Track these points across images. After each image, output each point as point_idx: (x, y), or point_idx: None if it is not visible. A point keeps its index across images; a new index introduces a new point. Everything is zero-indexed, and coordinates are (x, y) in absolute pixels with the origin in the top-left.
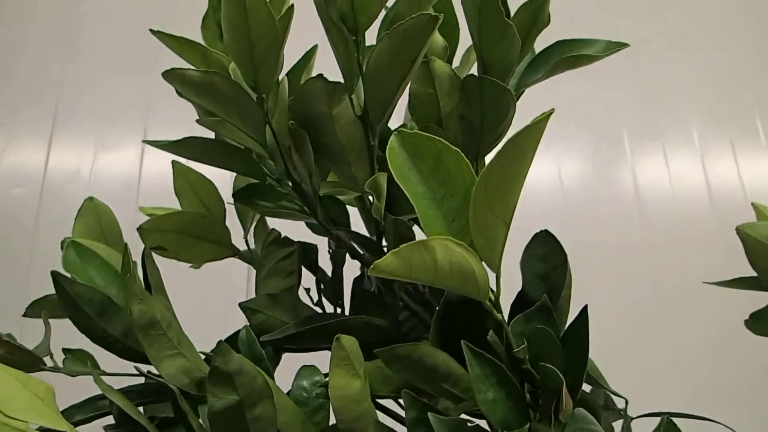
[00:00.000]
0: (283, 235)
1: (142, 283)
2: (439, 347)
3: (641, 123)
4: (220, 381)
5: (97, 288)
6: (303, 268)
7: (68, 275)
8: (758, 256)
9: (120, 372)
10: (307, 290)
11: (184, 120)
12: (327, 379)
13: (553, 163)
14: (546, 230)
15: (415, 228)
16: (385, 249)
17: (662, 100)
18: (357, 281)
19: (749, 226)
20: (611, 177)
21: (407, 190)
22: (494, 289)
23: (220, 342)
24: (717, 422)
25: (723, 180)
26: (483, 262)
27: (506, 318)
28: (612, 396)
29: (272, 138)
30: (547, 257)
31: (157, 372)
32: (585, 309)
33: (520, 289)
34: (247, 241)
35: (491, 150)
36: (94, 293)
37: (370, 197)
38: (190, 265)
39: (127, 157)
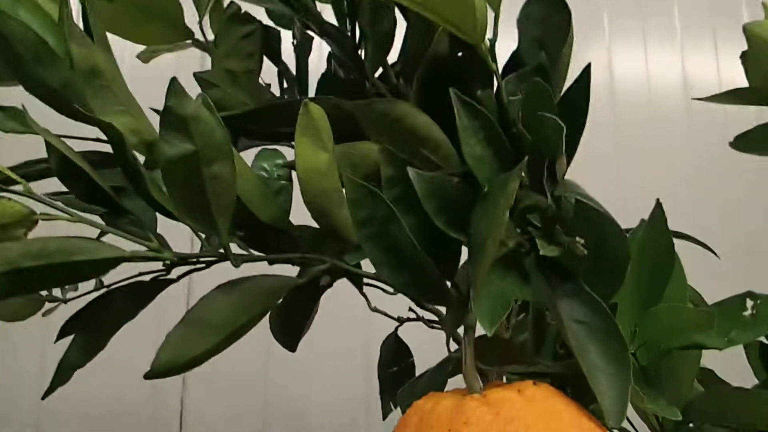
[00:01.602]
0: (243, 10)
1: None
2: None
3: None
4: (173, 126)
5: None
6: (264, 58)
7: None
8: (765, 57)
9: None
10: (268, 85)
11: None
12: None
13: None
14: None
15: None
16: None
17: None
18: (324, 77)
19: (758, 25)
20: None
21: None
22: (491, 33)
23: (173, 80)
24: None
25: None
26: None
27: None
28: None
29: None
30: (545, 19)
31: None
32: (588, 69)
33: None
34: (201, 27)
35: None
36: (29, 32)
37: None
38: (138, 55)
39: None
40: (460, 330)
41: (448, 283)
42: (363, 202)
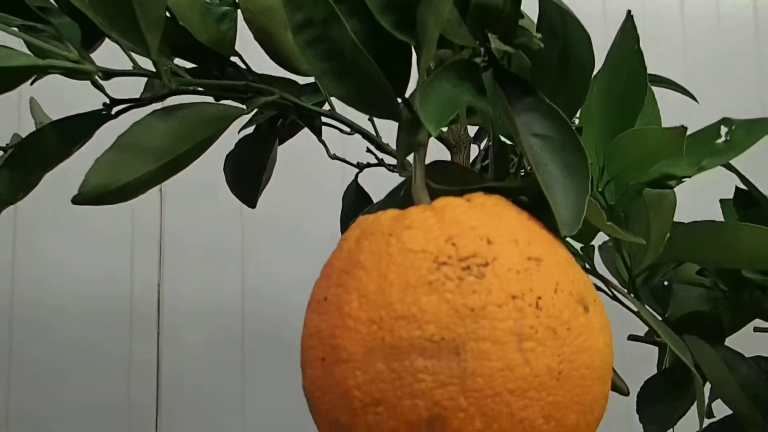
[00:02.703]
0: None
1: None
2: None
3: None
4: None
5: None
6: None
7: None
8: None
9: None
10: None
11: None
12: None
13: None
14: None
15: None
16: None
17: None
18: None
19: None
20: None
21: None
22: None
23: None
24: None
25: None
26: None
27: None
28: None
29: None
30: None
31: None
32: None
33: None
34: None
35: None
36: None
37: None
38: None
39: None
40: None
41: (400, 101)
42: (300, 2)
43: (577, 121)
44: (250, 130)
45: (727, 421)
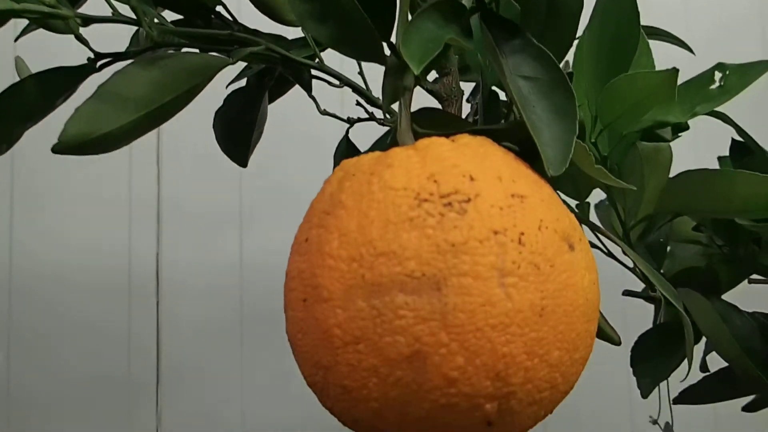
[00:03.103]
0: None
1: None
2: None
3: None
4: None
5: None
6: None
7: None
8: None
9: None
10: None
11: None
12: None
13: None
14: None
15: None
16: None
17: None
18: None
19: None
20: None
21: None
22: None
23: None
24: None
25: None
26: None
27: None
28: None
29: None
30: None
31: None
32: None
33: None
34: None
35: None
36: None
37: None
38: None
39: None
40: None
41: (386, 46)
42: None
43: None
44: (239, 86)
45: (721, 374)
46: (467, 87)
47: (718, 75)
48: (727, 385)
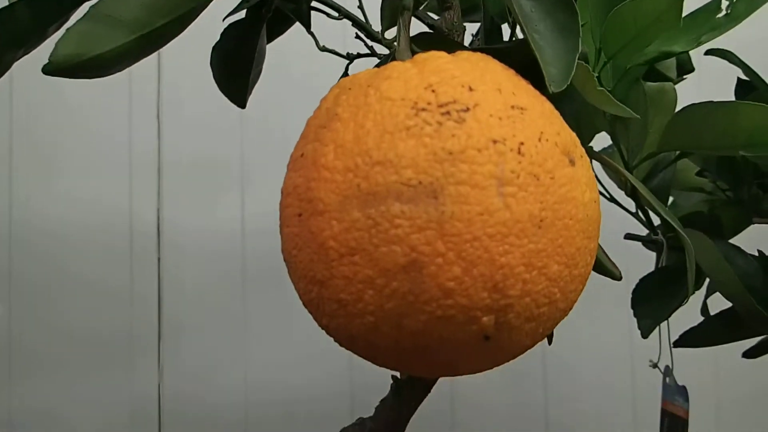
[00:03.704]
0: None
1: None
2: None
3: None
4: None
5: None
6: None
7: None
8: None
9: None
10: None
11: None
12: None
13: None
14: None
15: None
16: None
17: None
18: None
19: None
20: None
21: None
22: None
23: None
24: None
25: None
26: None
27: None
28: None
29: None
30: None
31: None
32: None
33: None
34: None
35: None
36: None
37: None
38: None
39: None
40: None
41: None
42: None
43: None
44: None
45: (722, 316)
46: (472, 28)
47: (725, 3)
48: (728, 328)
